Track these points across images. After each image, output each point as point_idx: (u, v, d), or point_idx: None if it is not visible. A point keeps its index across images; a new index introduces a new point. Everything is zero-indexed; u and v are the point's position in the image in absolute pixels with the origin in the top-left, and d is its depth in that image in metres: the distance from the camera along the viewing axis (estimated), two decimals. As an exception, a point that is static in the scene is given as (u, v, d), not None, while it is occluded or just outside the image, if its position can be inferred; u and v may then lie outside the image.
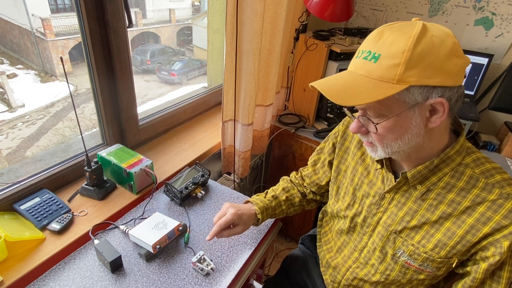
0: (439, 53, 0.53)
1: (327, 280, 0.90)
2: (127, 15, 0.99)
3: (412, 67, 0.53)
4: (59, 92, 4.82)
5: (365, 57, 0.57)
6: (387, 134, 0.60)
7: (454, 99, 0.57)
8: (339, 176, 0.87)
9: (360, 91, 0.55)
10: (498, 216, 0.59)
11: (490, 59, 1.44)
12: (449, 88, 0.55)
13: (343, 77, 0.60)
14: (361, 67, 0.58)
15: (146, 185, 1.05)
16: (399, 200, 0.71)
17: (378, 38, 0.57)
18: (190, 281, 0.79)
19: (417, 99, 0.55)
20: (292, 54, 1.68)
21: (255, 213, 0.87)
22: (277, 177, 1.88)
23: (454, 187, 0.64)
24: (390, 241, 0.73)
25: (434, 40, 0.53)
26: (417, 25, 0.54)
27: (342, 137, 0.87)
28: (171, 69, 7.13)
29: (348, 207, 0.83)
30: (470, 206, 0.62)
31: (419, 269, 0.69)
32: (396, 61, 0.53)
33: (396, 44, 0.54)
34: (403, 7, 1.66)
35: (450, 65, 0.54)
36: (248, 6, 1.07)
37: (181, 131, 1.41)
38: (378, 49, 0.56)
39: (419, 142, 0.61)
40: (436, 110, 0.57)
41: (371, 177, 0.78)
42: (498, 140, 1.52)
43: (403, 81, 0.53)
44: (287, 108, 1.81)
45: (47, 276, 0.77)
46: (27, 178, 0.93)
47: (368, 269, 0.78)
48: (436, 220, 0.66)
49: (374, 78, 0.56)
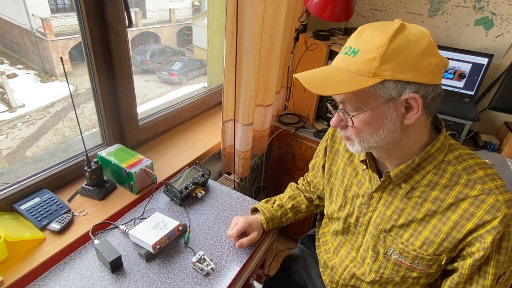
0: (413, 50, 0.55)
1: (326, 281, 0.90)
2: (127, 15, 0.99)
3: (386, 61, 0.55)
4: (59, 92, 4.82)
5: (345, 53, 0.61)
6: (363, 127, 0.62)
7: (429, 97, 0.59)
8: (331, 178, 0.89)
9: (337, 82, 0.58)
10: (481, 212, 0.60)
11: (490, 59, 1.44)
12: (424, 85, 0.57)
13: (324, 70, 0.63)
14: (341, 61, 0.61)
15: (146, 185, 1.05)
16: (386, 199, 0.72)
17: (359, 35, 0.60)
18: (190, 281, 0.79)
19: (391, 94, 0.57)
20: (292, 54, 1.68)
21: (261, 223, 0.92)
22: (277, 177, 1.90)
23: (437, 185, 0.65)
24: (380, 240, 0.74)
25: (410, 38, 0.56)
26: (395, 24, 0.57)
27: (332, 139, 0.89)
28: (171, 69, 7.13)
29: (340, 208, 0.84)
30: (453, 203, 0.63)
31: (411, 266, 0.70)
32: (372, 56, 0.56)
33: (373, 40, 0.56)
34: (403, 7, 1.66)
35: (424, 63, 0.56)
36: (248, 6, 1.07)
37: (181, 131, 1.41)
38: (357, 44, 0.59)
39: (396, 139, 0.63)
40: (411, 106, 0.59)
41: (359, 177, 0.79)
42: (498, 140, 1.52)
43: (378, 74, 0.56)
44: (287, 108, 1.81)
45: (47, 276, 0.77)
46: (27, 178, 0.93)
47: (365, 268, 0.79)
48: (422, 218, 0.67)
49: (351, 71, 0.58)
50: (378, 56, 0.55)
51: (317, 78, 0.61)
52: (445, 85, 1.55)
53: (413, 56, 0.55)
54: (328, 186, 0.90)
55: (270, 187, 1.96)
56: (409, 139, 0.64)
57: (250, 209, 1.00)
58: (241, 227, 0.87)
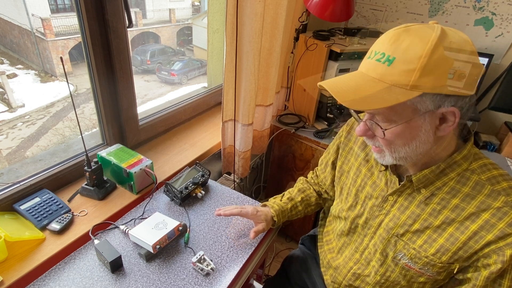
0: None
1: (328, 281, 0.90)
2: (127, 15, 0.99)
3: (427, 73, 0.51)
4: (59, 92, 4.82)
5: (378, 59, 0.55)
6: (395, 139, 0.59)
7: (465, 108, 0.56)
8: (342, 176, 0.87)
9: (372, 96, 0.54)
10: (503, 224, 0.58)
11: (490, 59, 1.44)
12: (462, 97, 0.54)
13: (354, 78, 0.58)
14: (373, 69, 0.56)
15: (146, 185, 1.05)
16: (402, 203, 0.70)
17: (394, 41, 0.54)
18: (190, 281, 0.79)
19: (429, 107, 0.54)
20: (292, 54, 1.67)
21: (271, 216, 0.91)
22: (277, 177, 1.90)
23: (459, 193, 0.63)
24: (391, 244, 0.72)
25: (452, 47, 0.52)
26: (435, 30, 0.53)
27: (346, 137, 0.86)
28: (171, 69, 7.14)
29: (350, 208, 0.82)
30: (474, 213, 0.61)
31: (419, 272, 0.69)
32: (412, 67, 0.51)
33: (413, 49, 0.52)
34: (403, 7, 1.66)
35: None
36: (248, 6, 1.07)
37: (181, 131, 1.41)
38: (393, 52, 0.54)
39: (427, 149, 0.60)
40: (447, 119, 0.56)
41: (374, 178, 0.77)
42: (498, 140, 1.52)
43: (417, 87, 0.52)
44: (287, 108, 1.81)
45: (47, 276, 0.77)
46: (27, 178, 0.93)
47: (369, 270, 0.78)
48: (439, 225, 0.65)
49: (387, 82, 0.54)
50: (418, 68, 0.51)
51: (347, 88, 0.56)
52: (445, 85, 1.55)
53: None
54: (338, 184, 0.88)
55: (270, 187, 1.96)
56: (438, 148, 0.62)
57: (260, 205, 0.99)
58: (248, 209, 0.88)
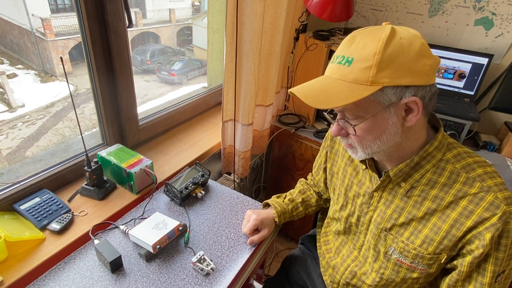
0: (408, 54, 0.55)
1: (327, 281, 0.91)
2: (127, 15, 0.99)
3: (383, 68, 0.55)
4: (59, 92, 4.82)
5: (339, 62, 0.60)
6: (365, 135, 0.63)
7: (427, 97, 0.59)
8: (333, 178, 0.90)
9: (336, 94, 0.58)
10: (480, 209, 0.60)
11: (490, 59, 1.44)
12: (421, 87, 0.58)
13: (319, 81, 0.62)
14: (336, 72, 0.60)
15: (146, 185, 1.05)
16: (386, 198, 0.73)
17: (351, 43, 0.59)
18: (190, 281, 0.79)
19: (391, 99, 0.58)
20: (292, 54, 1.68)
21: (273, 217, 0.95)
22: (277, 177, 1.90)
23: (437, 183, 0.65)
24: (381, 239, 0.74)
25: (403, 42, 0.56)
26: (386, 29, 0.57)
27: (331, 140, 0.90)
28: (171, 69, 7.13)
29: (342, 208, 0.85)
30: (453, 201, 0.64)
31: (411, 266, 0.70)
32: (368, 64, 0.55)
33: (367, 48, 0.56)
34: (403, 7, 1.66)
35: (420, 65, 0.56)
36: (248, 6, 1.07)
37: (181, 131, 1.41)
38: (351, 53, 0.58)
39: (398, 141, 0.63)
40: (411, 109, 0.59)
41: (360, 177, 0.80)
42: (498, 140, 1.52)
43: (376, 82, 0.56)
44: (287, 108, 1.81)
45: (47, 276, 0.77)
46: (27, 178, 0.93)
47: (367, 267, 0.80)
48: (422, 216, 0.67)
49: (349, 81, 0.58)
50: (374, 64, 0.55)
51: (314, 91, 0.61)
52: (445, 85, 1.55)
53: (409, 60, 0.55)
54: (330, 186, 0.92)
55: (270, 187, 1.96)
56: (409, 140, 0.65)
57: (262, 204, 1.03)
58: (252, 225, 0.90)
